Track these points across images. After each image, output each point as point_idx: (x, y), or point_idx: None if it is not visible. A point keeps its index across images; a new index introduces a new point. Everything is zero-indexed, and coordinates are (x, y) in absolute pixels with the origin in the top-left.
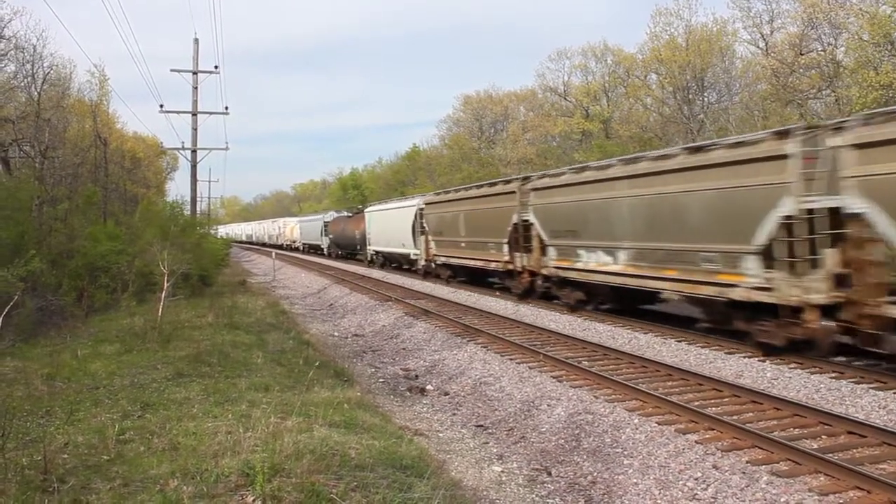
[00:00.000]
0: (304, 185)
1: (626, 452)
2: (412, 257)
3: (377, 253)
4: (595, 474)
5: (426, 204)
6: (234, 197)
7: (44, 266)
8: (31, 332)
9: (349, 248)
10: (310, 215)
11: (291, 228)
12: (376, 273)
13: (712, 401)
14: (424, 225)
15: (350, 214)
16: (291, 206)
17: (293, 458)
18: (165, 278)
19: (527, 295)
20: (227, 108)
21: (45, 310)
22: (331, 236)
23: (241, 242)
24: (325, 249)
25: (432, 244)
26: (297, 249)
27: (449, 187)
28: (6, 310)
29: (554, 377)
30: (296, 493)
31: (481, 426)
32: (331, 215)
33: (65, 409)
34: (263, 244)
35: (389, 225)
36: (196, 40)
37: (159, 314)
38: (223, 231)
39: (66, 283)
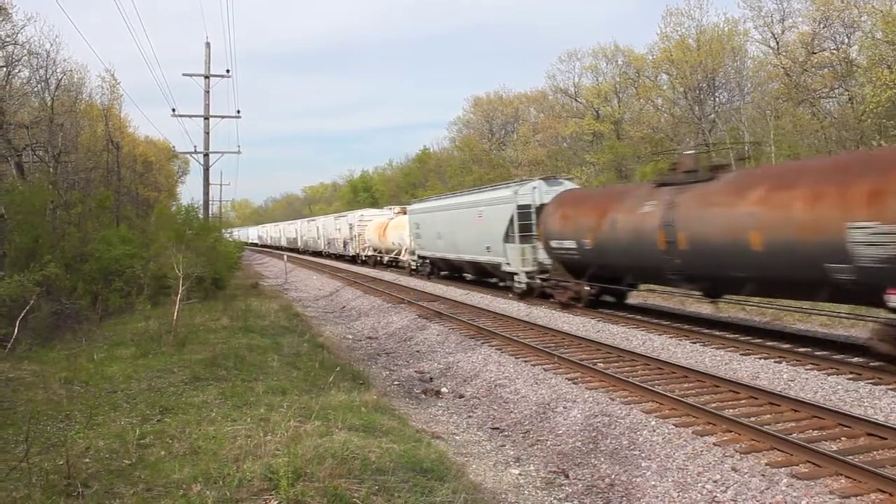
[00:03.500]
0: (315, 188)
1: (643, 455)
2: None
3: None
4: (613, 477)
5: None
6: (246, 200)
7: (59, 270)
8: (47, 335)
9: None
10: (456, 195)
11: (382, 229)
12: (388, 276)
13: (729, 403)
14: None
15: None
16: (302, 208)
17: (315, 461)
18: (180, 282)
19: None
20: (238, 111)
21: (60, 314)
22: (586, 246)
23: (278, 248)
24: (520, 278)
25: None
26: (392, 266)
27: None
28: (23, 314)
29: (569, 379)
30: (319, 497)
31: (497, 429)
32: (531, 187)
33: (84, 414)
34: (317, 253)
35: None
36: (208, 44)
37: (174, 317)
38: (255, 233)
39: (81, 287)
